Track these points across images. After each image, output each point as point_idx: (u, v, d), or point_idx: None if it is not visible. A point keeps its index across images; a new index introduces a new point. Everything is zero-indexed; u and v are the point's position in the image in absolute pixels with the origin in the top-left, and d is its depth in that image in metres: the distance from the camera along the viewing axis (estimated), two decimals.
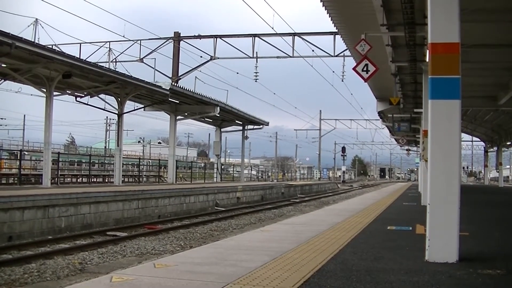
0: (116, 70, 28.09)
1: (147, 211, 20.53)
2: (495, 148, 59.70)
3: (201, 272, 5.77)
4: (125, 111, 27.98)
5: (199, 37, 34.11)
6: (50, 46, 24.11)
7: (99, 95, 26.74)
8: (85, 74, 22.33)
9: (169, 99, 29.30)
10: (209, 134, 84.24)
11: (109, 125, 74.03)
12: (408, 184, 62.70)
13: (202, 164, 66.73)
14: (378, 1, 14.49)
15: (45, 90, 21.80)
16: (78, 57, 24.03)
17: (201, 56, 34.13)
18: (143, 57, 33.91)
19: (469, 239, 8.31)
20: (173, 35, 34.16)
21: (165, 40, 33.92)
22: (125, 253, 12.69)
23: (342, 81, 34.20)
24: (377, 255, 7.00)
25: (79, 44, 34.55)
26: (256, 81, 34.02)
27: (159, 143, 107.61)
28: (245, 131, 45.43)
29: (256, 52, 32.27)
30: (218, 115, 35.58)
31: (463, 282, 5.40)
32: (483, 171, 79.89)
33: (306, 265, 6.15)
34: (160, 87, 26.90)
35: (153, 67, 33.90)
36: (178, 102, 31.98)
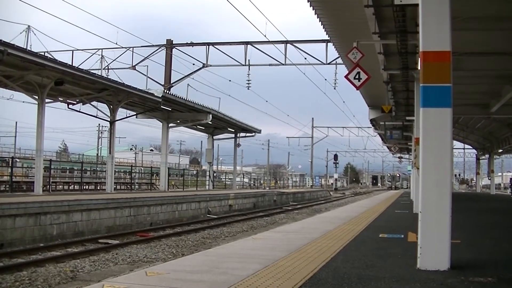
0: (109, 77, 28.04)
1: (139, 218, 20.48)
2: (487, 156, 59.92)
3: (193, 280, 5.75)
4: (117, 118, 27.94)
5: (192, 44, 34.13)
6: (42, 53, 24.07)
7: (91, 103, 26.69)
8: (77, 81, 22.29)
9: (161, 106, 29.26)
10: (201, 141, 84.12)
11: (101, 132, 73.86)
12: (399, 192, 62.57)
13: (194, 172, 66.70)
14: (370, 10, 14.52)
15: (37, 97, 21.75)
16: (70, 64, 23.99)
17: (193, 64, 34.19)
18: (136, 65, 33.88)
19: (461, 247, 8.32)
20: (165, 43, 34.17)
21: (158, 48, 33.92)
22: (117, 261, 12.65)
23: (335, 88, 34.20)
24: (369, 263, 7.00)
25: (71, 51, 34.50)
26: (248, 88, 34.07)
27: (151, 150, 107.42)
28: (237, 139, 45.48)
29: (249, 60, 32.37)
30: (211, 122, 35.58)
31: None
32: (475, 179, 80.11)
33: (298, 273, 6.14)
34: (152, 94, 26.87)
35: (146, 74, 33.89)
36: (170, 109, 31.94)
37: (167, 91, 29.88)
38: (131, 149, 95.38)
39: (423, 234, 6.49)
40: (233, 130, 43.96)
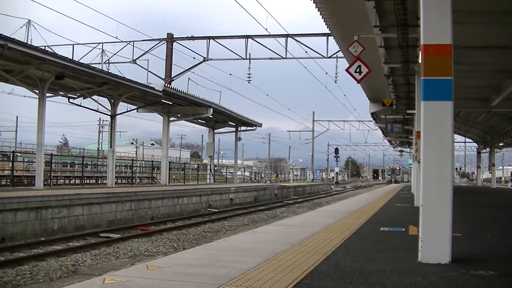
0: (109, 71, 28.01)
1: (140, 212, 20.50)
2: (488, 149, 59.91)
3: (194, 273, 5.75)
4: (118, 112, 27.93)
5: (192, 38, 34.09)
6: (43, 47, 24.06)
7: (92, 97, 26.67)
8: (77, 76, 22.28)
9: (162, 100, 29.26)
10: (202, 135, 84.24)
11: (102, 126, 73.93)
12: (400, 185, 62.51)
13: (195, 166, 66.68)
14: (371, 3, 14.49)
15: (37, 91, 21.74)
16: (71, 58, 24.01)
17: (194, 58, 34.18)
18: (136, 59, 33.87)
19: (462, 240, 8.33)
20: (166, 36, 34.13)
21: (158, 41, 33.89)
22: (118, 255, 12.67)
23: (335, 82, 34.24)
24: (370, 256, 7.00)
25: (72, 46, 34.52)
26: (249, 82, 34.08)
27: (152, 144, 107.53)
28: (238, 133, 45.43)
29: (249, 53, 32.34)
30: (211, 116, 35.53)
31: (455, 283, 5.41)
32: (476, 172, 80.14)
33: (299, 267, 6.15)
34: (153, 88, 26.85)
35: (146, 68, 33.88)
36: (171, 103, 31.94)
37: (168, 85, 29.87)
38: (132, 143, 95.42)
39: (424, 228, 6.49)
40: (234, 124, 43.95)
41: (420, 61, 7.22)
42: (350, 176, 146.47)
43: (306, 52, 31.47)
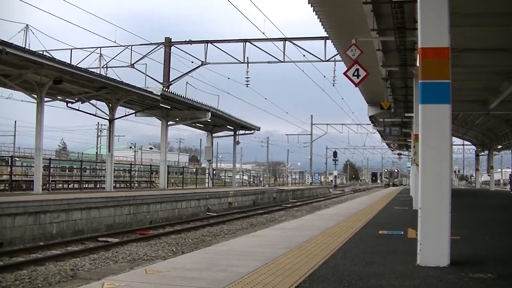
0: (107, 75, 27.99)
1: (138, 216, 20.48)
2: (486, 152, 59.98)
3: (193, 277, 5.75)
4: (116, 116, 27.88)
5: (190, 42, 34.09)
6: (41, 52, 24.03)
7: (90, 101, 26.66)
8: (76, 80, 22.26)
9: (160, 104, 29.23)
10: (201, 139, 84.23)
11: (101, 130, 73.82)
12: (398, 188, 62.44)
13: (194, 170, 66.66)
14: (369, 6, 14.51)
15: (36, 96, 21.72)
16: (69, 63, 23.94)
17: (192, 62, 34.14)
18: (134, 63, 33.85)
19: (461, 243, 8.33)
20: (164, 41, 34.12)
21: (156, 46, 33.88)
22: (117, 259, 12.66)
23: (333, 85, 34.19)
24: (368, 260, 7.00)
25: (70, 50, 34.47)
26: (247, 86, 34.05)
27: (151, 148, 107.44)
28: (237, 136, 45.39)
29: (247, 57, 32.29)
30: (210, 120, 35.53)
31: (454, 286, 5.41)
32: (474, 175, 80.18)
33: (298, 270, 6.14)
34: (151, 92, 26.83)
35: (144, 72, 33.81)
36: (169, 107, 31.92)
37: (166, 89, 29.81)
38: (130, 147, 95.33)
39: (422, 231, 6.49)
40: (232, 128, 43.90)
41: (418, 64, 7.21)
42: (348, 180, 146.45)
43: (304, 55, 31.51)
